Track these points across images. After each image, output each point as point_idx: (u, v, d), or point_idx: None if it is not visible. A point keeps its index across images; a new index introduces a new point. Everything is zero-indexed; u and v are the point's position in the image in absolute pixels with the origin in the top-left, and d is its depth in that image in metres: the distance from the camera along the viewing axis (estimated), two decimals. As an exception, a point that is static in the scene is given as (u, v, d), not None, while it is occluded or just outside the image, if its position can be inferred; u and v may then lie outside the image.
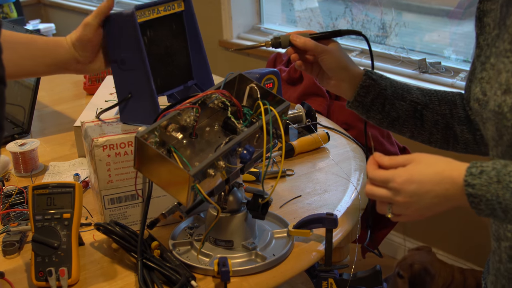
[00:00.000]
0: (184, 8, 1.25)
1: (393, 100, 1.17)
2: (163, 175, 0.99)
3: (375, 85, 1.17)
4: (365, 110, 1.19)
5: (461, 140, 1.19)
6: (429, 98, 1.19)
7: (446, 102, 1.18)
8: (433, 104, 1.18)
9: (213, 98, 1.06)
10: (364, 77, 1.17)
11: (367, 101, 1.18)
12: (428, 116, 1.18)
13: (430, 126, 1.19)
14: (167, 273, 1.03)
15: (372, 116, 1.20)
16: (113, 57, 1.22)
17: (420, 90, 1.20)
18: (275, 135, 1.05)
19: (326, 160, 1.51)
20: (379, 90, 1.17)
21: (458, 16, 2.48)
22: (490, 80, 0.97)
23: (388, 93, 1.17)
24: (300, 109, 1.64)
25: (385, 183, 0.90)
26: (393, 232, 2.76)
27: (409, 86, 1.20)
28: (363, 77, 1.17)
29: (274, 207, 1.29)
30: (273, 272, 1.08)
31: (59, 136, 1.72)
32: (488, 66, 0.98)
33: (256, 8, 3.26)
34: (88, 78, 2.08)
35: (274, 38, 1.18)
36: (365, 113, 1.20)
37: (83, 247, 1.17)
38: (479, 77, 1.00)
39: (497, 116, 0.92)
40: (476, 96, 1.00)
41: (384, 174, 0.90)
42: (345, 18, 2.87)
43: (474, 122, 1.17)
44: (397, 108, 1.18)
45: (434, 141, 1.20)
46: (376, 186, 0.92)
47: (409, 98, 1.18)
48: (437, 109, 1.18)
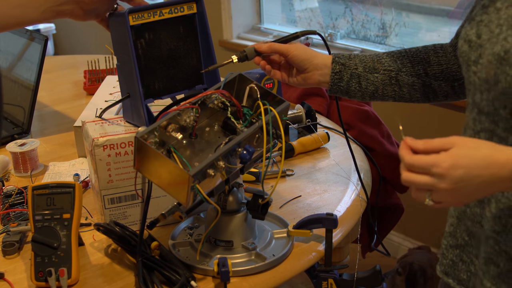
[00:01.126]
0: (197, 11, 1.24)
1: (367, 75, 1.20)
2: (163, 175, 0.99)
3: (345, 68, 1.20)
4: (344, 92, 1.22)
5: (440, 94, 1.22)
6: (401, 63, 1.21)
7: (419, 62, 1.20)
8: (406, 67, 1.20)
9: (213, 98, 1.06)
10: (334, 64, 1.20)
11: (343, 85, 1.21)
12: (404, 80, 1.20)
13: (408, 89, 1.21)
14: (167, 273, 1.04)
15: (353, 95, 1.23)
16: (116, 55, 1.22)
17: (391, 56, 1.22)
18: (275, 135, 1.05)
19: (326, 160, 1.51)
20: (350, 71, 1.20)
21: (458, 16, 2.48)
22: (489, 23, 0.95)
23: (360, 71, 1.20)
24: (300, 109, 1.64)
25: (427, 169, 0.83)
26: (393, 232, 2.76)
27: (379, 56, 1.22)
28: (332, 65, 1.20)
29: (274, 207, 1.29)
30: (273, 272, 1.08)
31: (59, 136, 1.72)
32: (492, 9, 0.97)
33: (256, 8, 3.26)
34: (88, 78, 2.08)
35: (240, 52, 1.21)
36: (345, 94, 1.23)
37: (83, 247, 1.17)
38: (477, 20, 0.98)
39: (501, 62, 0.89)
40: (469, 38, 0.98)
41: (426, 160, 0.83)
42: (345, 18, 2.87)
43: (451, 74, 1.20)
44: (373, 82, 1.20)
45: (415, 100, 1.23)
46: (415, 173, 0.84)
47: (382, 68, 1.20)
48: (411, 71, 1.20)
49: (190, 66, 1.27)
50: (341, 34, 2.86)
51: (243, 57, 1.20)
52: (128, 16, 1.15)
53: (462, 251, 1.05)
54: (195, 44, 1.26)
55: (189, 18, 1.24)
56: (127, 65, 1.18)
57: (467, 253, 1.05)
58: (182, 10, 1.22)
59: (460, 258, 1.06)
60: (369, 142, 1.96)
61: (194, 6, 1.23)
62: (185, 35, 1.25)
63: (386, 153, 1.98)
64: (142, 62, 1.20)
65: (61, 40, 4.54)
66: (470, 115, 1.01)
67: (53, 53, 4.34)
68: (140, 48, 1.20)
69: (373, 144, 1.98)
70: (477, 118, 0.98)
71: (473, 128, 0.99)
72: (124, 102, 1.24)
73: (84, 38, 4.31)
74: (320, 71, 1.20)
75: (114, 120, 1.24)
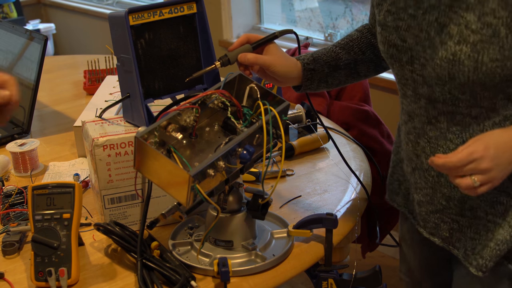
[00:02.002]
0: (197, 11, 1.24)
1: (332, 73, 1.28)
2: (163, 175, 0.99)
3: (315, 72, 1.26)
4: (313, 90, 1.30)
5: (387, 67, 1.31)
6: (354, 53, 1.29)
7: (368, 47, 1.29)
8: (359, 56, 1.29)
9: (213, 98, 1.06)
10: (305, 72, 1.25)
11: (313, 86, 1.28)
12: (362, 68, 1.30)
13: (365, 73, 1.32)
14: (166, 273, 1.03)
15: (320, 90, 1.31)
16: (116, 55, 1.22)
17: (342, 48, 1.29)
18: (275, 135, 1.05)
19: (326, 160, 1.51)
20: (319, 75, 1.27)
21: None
22: (409, 29, 1.07)
23: (326, 71, 1.27)
24: (300, 109, 1.64)
25: (468, 158, 0.94)
26: (393, 232, 2.75)
27: (335, 52, 1.29)
28: (303, 72, 1.25)
29: (274, 207, 1.29)
30: (273, 272, 1.08)
31: (59, 136, 1.72)
32: (404, 16, 1.08)
33: (256, 8, 3.26)
34: (88, 78, 2.08)
35: (223, 57, 1.21)
36: (314, 91, 1.31)
37: (83, 247, 1.16)
38: (391, 25, 1.10)
39: (453, 63, 1.00)
40: (394, 42, 1.10)
41: (463, 153, 0.95)
42: (345, 18, 2.87)
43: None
44: (337, 77, 1.29)
45: (370, 77, 1.35)
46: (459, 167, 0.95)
47: (341, 64, 1.28)
48: (364, 59, 1.29)
49: (190, 66, 1.26)
50: (341, 34, 2.86)
51: (226, 62, 1.21)
52: (128, 16, 1.15)
53: (442, 214, 1.16)
54: (195, 44, 1.26)
55: (189, 18, 1.24)
56: (127, 65, 1.18)
57: (447, 215, 1.15)
58: (182, 10, 1.22)
59: (441, 220, 1.17)
60: (369, 142, 1.96)
61: (194, 6, 1.23)
62: (185, 35, 1.25)
63: (386, 153, 1.98)
64: (142, 62, 1.20)
65: (61, 40, 4.54)
66: (414, 105, 1.12)
67: (53, 53, 4.35)
68: (140, 48, 1.20)
69: (373, 144, 1.98)
70: (429, 106, 1.09)
71: (426, 115, 1.10)
72: (124, 102, 1.24)
73: (84, 38, 4.31)
74: (294, 80, 1.26)
75: (114, 120, 1.24)
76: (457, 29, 1.00)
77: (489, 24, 0.96)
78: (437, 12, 1.03)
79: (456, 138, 1.08)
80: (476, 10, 0.97)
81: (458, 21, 1.00)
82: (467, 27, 0.98)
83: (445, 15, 1.01)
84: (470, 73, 0.99)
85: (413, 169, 1.19)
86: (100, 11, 4.08)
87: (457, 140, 1.08)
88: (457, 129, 1.07)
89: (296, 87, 1.29)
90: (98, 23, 4.08)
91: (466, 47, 0.99)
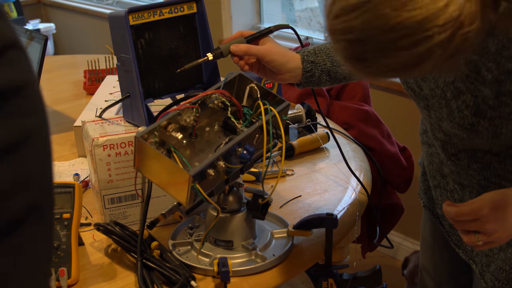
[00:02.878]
0: (197, 10, 1.24)
1: (336, 69, 1.24)
2: (163, 175, 0.99)
3: (315, 65, 1.23)
4: (315, 85, 1.26)
5: None
6: None
7: None
8: None
9: (213, 98, 1.06)
10: (305, 64, 1.22)
11: (314, 79, 1.25)
12: None
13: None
14: (166, 273, 1.03)
15: (323, 86, 1.28)
16: (116, 55, 1.22)
17: None
18: (275, 135, 1.05)
19: (326, 160, 1.51)
20: (320, 68, 1.24)
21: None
22: (425, 79, 1.04)
23: (328, 65, 1.24)
24: (300, 109, 1.64)
25: (472, 215, 0.93)
26: (393, 232, 2.75)
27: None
28: (303, 64, 1.22)
29: (274, 207, 1.29)
30: (273, 272, 1.08)
31: (59, 136, 1.72)
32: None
33: (256, 8, 3.26)
34: (88, 78, 2.08)
35: (215, 50, 1.20)
36: (316, 86, 1.27)
37: (83, 247, 1.16)
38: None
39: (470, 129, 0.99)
40: (411, 86, 1.08)
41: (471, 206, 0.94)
42: (345, 18, 2.86)
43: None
44: (341, 73, 1.25)
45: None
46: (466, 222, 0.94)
47: None
48: None
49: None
50: (341, 34, 2.86)
51: (219, 54, 1.20)
52: (128, 16, 1.15)
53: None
54: (195, 44, 1.26)
55: (189, 18, 1.24)
56: (127, 65, 1.18)
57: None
58: (182, 10, 1.22)
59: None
60: (369, 142, 1.96)
61: (194, 5, 1.23)
62: (185, 35, 1.25)
63: (386, 153, 1.98)
64: (142, 62, 1.20)
65: (61, 40, 4.54)
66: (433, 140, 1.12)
67: (53, 53, 4.34)
68: (140, 48, 1.20)
69: (373, 144, 1.98)
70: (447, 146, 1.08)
71: (445, 153, 1.09)
72: (124, 102, 1.24)
73: (84, 38, 4.31)
74: (292, 73, 1.23)
75: (114, 120, 1.24)
76: (474, 101, 0.97)
77: (507, 104, 0.94)
78: (453, 76, 0.99)
79: (477, 175, 1.07)
80: (493, 88, 0.94)
81: (475, 93, 0.96)
82: (484, 101, 0.95)
83: (462, 82, 0.98)
84: (489, 139, 0.98)
85: (435, 186, 1.18)
86: (100, 11, 4.08)
87: (479, 177, 1.07)
88: (477, 167, 1.06)
89: (298, 84, 1.27)
90: (98, 23, 4.08)
91: (483, 121, 0.97)
